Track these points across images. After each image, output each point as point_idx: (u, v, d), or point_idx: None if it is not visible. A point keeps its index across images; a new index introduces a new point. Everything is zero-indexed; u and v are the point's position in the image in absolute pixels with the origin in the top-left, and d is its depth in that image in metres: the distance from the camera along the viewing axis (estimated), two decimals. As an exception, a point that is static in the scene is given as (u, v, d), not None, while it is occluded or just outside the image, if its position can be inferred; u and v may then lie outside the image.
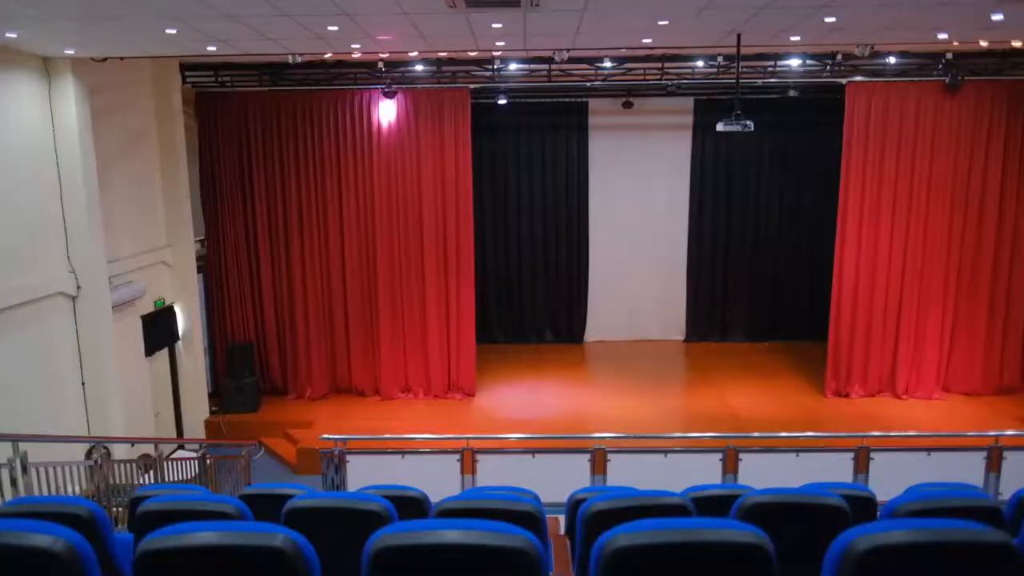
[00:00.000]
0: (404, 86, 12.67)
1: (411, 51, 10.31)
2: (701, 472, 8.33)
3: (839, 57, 12.06)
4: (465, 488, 8.43)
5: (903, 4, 7.02)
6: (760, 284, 16.71)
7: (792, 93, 13.88)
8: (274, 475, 11.61)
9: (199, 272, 13.38)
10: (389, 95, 12.58)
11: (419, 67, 12.47)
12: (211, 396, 13.36)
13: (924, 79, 12.52)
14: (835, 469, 8.44)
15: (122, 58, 9.73)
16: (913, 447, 8.85)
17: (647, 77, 12.80)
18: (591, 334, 16.99)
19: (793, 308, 16.60)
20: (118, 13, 7.00)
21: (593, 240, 16.64)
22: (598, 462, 8.48)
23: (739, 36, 8.33)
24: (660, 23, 7.70)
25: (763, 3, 7.00)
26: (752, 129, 8.86)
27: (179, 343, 12.38)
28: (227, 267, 13.27)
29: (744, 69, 12.81)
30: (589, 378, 14.72)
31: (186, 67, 12.28)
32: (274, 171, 12.98)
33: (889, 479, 7.97)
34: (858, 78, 12.57)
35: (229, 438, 12.42)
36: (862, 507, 4.22)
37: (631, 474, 8.34)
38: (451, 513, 3.88)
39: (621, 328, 16.88)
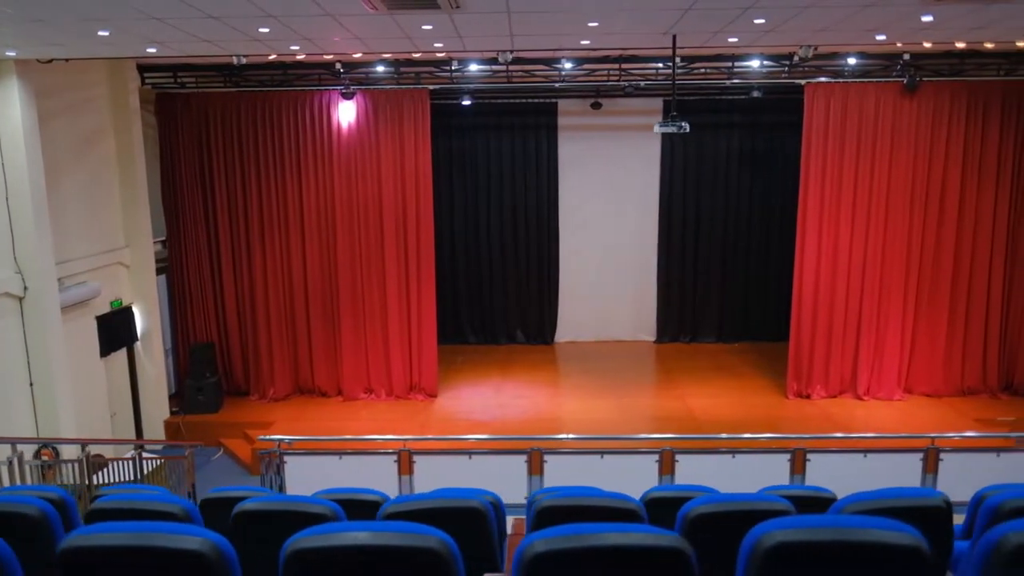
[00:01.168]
0: (363, 87, 12.69)
1: (353, 53, 10.33)
2: (637, 473, 8.34)
3: (796, 58, 12.05)
4: (402, 489, 8.44)
5: (828, 6, 7.01)
6: (731, 285, 16.72)
7: (755, 94, 13.86)
8: (230, 476, 11.64)
9: (162, 273, 13.46)
10: (348, 96, 12.61)
11: (380, 68, 12.49)
12: (175, 397, 13.41)
13: (883, 80, 12.52)
14: (772, 471, 8.43)
15: (67, 60, 9.74)
16: (850, 448, 8.83)
17: (610, 78, 12.82)
18: (561, 335, 17.01)
19: (764, 309, 16.59)
20: (44, 16, 7.02)
21: (563, 241, 16.65)
22: (534, 463, 8.49)
23: (674, 37, 8.32)
24: (590, 25, 7.70)
25: (688, 4, 7.01)
26: (687, 130, 8.87)
27: (138, 344, 12.40)
28: (188, 268, 13.30)
29: (708, 70, 12.88)
30: (554, 379, 14.72)
31: (145, 68, 12.32)
32: (235, 172, 13.01)
33: (826, 481, 7.99)
34: (821, 79, 12.56)
35: (188, 439, 12.45)
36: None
37: (568, 475, 8.34)
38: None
39: (591, 329, 16.89)
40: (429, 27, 7.79)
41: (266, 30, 7.80)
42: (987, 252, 12.87)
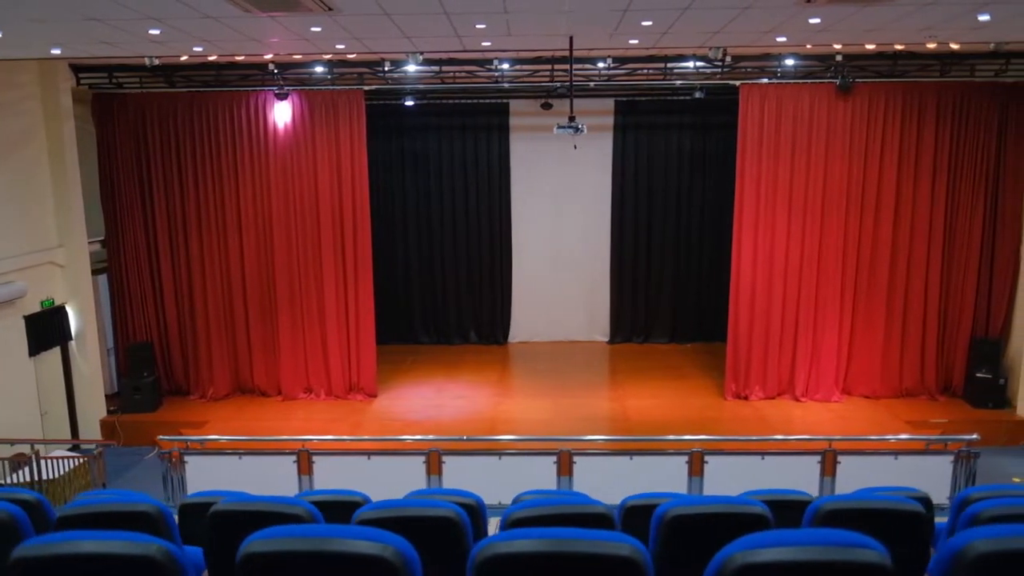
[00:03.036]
0: (297, 88, 12.72)
1: (265, 54, 10.40)
2: (535, 475, 8.34)
3: (728, 59, 12.03)
4: (303, 489, 8.47)
5: (708, 8, 7.00)
6: (683, 285, 16.72)
7: (698, 95, 13.83)
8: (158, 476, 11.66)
9: (104, 273, 13.51)
10: (281, 97, 12.64)
11: (319, 69, 12.51)
12: (116, 396, 13.44)
13: (818, 81, 12.49)
14: (671, 473, 8.42)
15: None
16: (748, 451, 8.82)
17: (554, 79, 12.83)
18: (515, 335, 17.02)
19: (716, 309, 16.38)
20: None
21: (516, 241, 16.66)
22: (432, 464, 8.50)
23: (571, 39, 8.32)
24: (478, 27, 7.71)
25: (569, 7, 7.01)
26: (584, 132, 8.84)
27: (72, 343, 12.44)
28: (127, 267, 13.35)
29: (651, 71, 12.86)
30: (500, 380, 14.71)
31: (80, 68, 12.36)
32: (172, 172, 13.05)
33: (722, 484, 8.01)
34: (763, 80, 12.54)
35: (124, 438, 12.54)
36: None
37: (466, 477, 8.35)
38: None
39: (545, 330, 16.90)
40: (318, 29, 7.80)
41: (157, 32, 7.82)
42: (924, 253, 12.83)
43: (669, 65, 12.34)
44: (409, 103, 14.27)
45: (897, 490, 4.66)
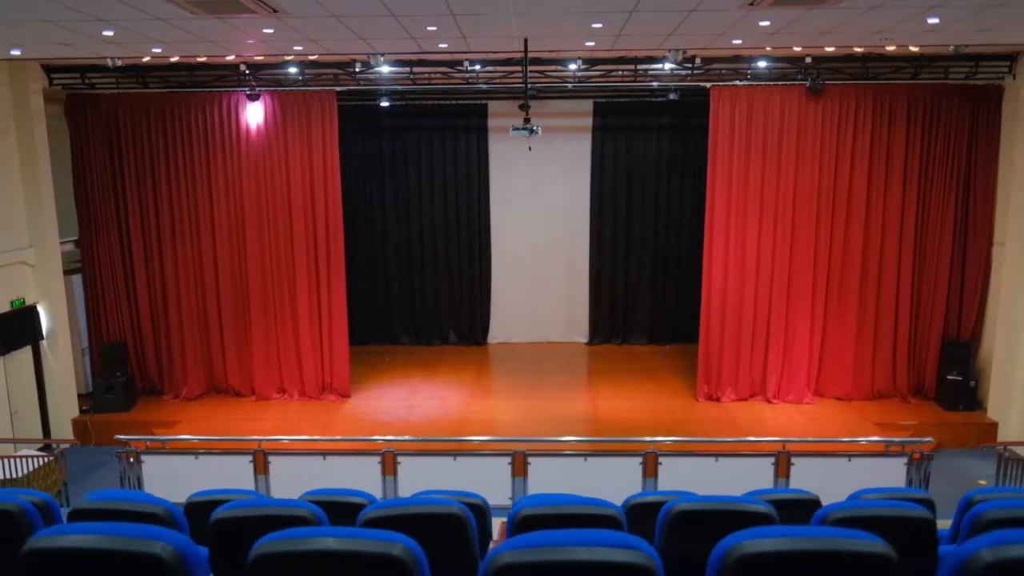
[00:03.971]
0: (269, 88, 12.75)
1: (210, 55, 10.42)
2: (490, 476, 8.36)
3: (698, 61, 12.05)
4: (258, 488, 8.49)
5: (658, 10, 7.01)
6: (662, 286, 16.75)
7: (672, 96, 13.82)
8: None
9: (78, 272, 13.55)
10: (253, 98, 12.67)
11: (292, 69, 12.55)
12: (90, 395, 13.47)
13: (789, 83, 12.50)
14: (626, 474, 8.44)
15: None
16: (702, 452, 8.83)
17: (529, 79, 12.82)
18: (494, 336, 17.04)
19: (695, 311, 16.15)
20: None
21: (495, 241, 16.68)
22: (387, 465, 8.53)
23: (526, 41, 8.34)
24: (430, 29, 7.73)
25: (520, 9, 7.03)
26: (540, 133, 8.86)
27: (43, 343, 12.48)
28: (101, 267, 13.38)
29: (624, 73, 12.88)
30: (475, 380, 14.71)
31: (52, 68, 12.40)
32: (145, 172, 13.09)
33: (676, 485, 8.01)
34: (737, 83, 12.55)
35: (96, 437, 12.58)
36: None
37: (421, 478, 8.37)
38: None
39: (524, 330, 16.92)
40: (270, 31, 7.83)
41: (110, 33, 7.85)
42: (895, 255, 12.83)
43: (640, 67, 12.36)
44: (384, 104, 14.30)
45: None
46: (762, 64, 12.33)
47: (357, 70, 12.41)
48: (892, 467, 8.77)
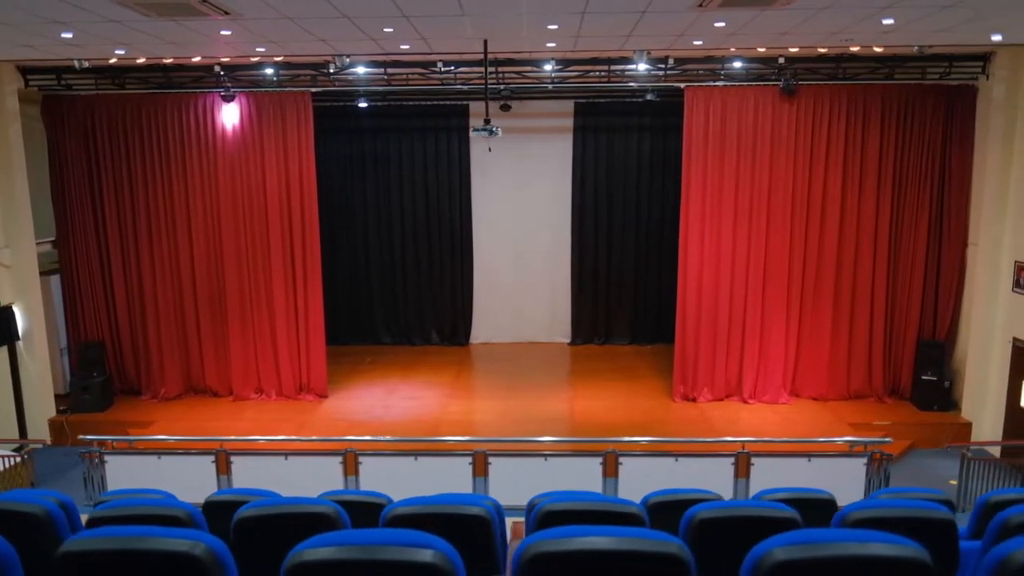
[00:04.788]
0: (244, 89, 12.78)
1: (176, 57, 10.47)
2: (451, 476, 8.39)
3: (671, 62, 12.05)
4: (220, 487, 8.52)
5: (599, 11, 7.03)
6: (645, 286, 16.74)
7: (649, 97, 13.82)
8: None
9: (56, 273, 13.58)
10: (228, 99, 12.70)
11: (268, 70, 12.57)
12: (68, 396, 13.51)
13: (763, 84, 12.49)
14: (585, 473, 8.45)
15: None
16: (663, 452, 8.84)
17: (504, 80, 12.88)
18: (477, 336, 17.06)
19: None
20: None
21: (477, 242, 16.70)
22: (349, 465, 8.55)
23: (485, 43, 8.36)
24: (386, 30, 7.75)
25: (471, 10, 7.04)
26: (499, 134, 8.88)
27: (19, 343, 12.52)
28: (79, 268, 13.42)
29: (600, 73, 12.89)
30: (455, 380, 14.72)
31: (28, 70, 12.44)
32: (122, 173, 13.12)
33: (636, 484, 8.03)
34: (710, 83, 12.54)
35: (72, 437, 12.58)
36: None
37: (382, 477, 8.40)
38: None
39: (506, 331, 16.94)
40: (228, 32, 7.85)
41: (69, 35, 7.88)
42: (870, 255, 12.82)
43: (614, 68, 12.37)
44: (363, 105, 14.30)
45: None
46: (737, 65, 12.33)
47: (331, 71, 12.42)
48: (852, 467, 8.78)
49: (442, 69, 12.31)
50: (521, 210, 16.43)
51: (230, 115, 12.88)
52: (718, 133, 12.58)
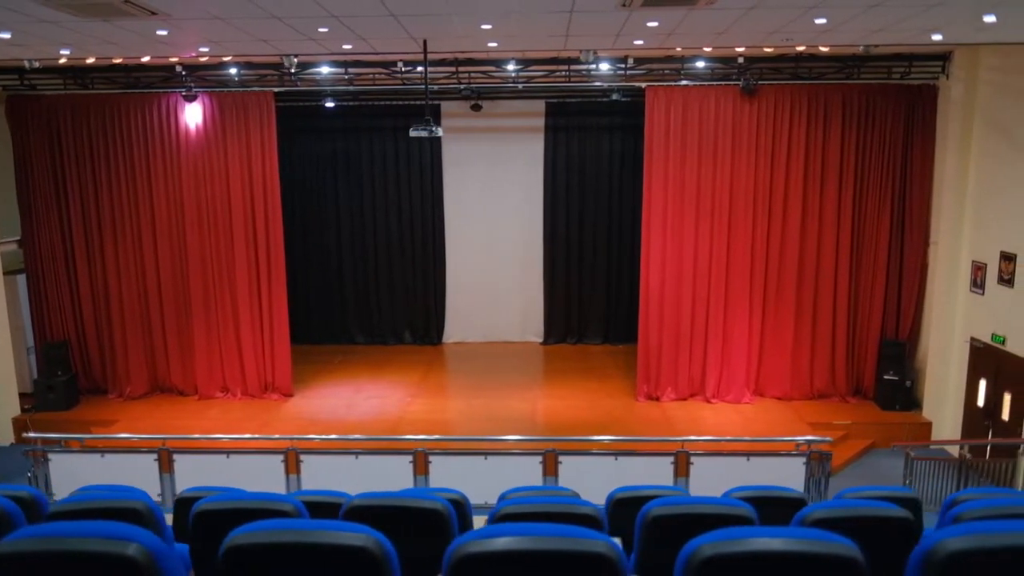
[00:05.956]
0: (206, 89, 12.81)
1: (143, 57, 10.51)
2: (392, 474, 8.41)
3: (631, 61, 12.06)
4: (163, 487, 8.55)
5: (529, 11, 7.04)
6: (616, 286, 16.73)
7: (615, 96, 13.82)
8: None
9: (22, 272, 13.64)
10: (190, 99, 12.74)
11: (232, 70, 12.61)
12: (33, 395, 13.56)
13: (723, 83, 12.50)
14: (525, 472, 8.47)
15: None
16: (604, 451, 8.86)
17: (470, 80, 12.90)
18: (450, 336, 17.08)
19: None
20: None
21: (450, 241, 16.72)
22: (290, 463, 8.58)
23: (424, 43, 8.38)
24: (321, 30, 7.77)
25: (397, 10, 7.06)
26: (440, 135, 8.90)
27: (-19, 342, 12.59)
28: (44, 267, 13.48)
29: (561, 73, 12.88)
30: (422, 380, 14.74)
31: (-9, 71, 12.48)
32: (86, 173, 13.18)
33: (575, 483, 8.03)
34: (671, 82, 12.54)
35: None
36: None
37: (323, 475, 8.42)
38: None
39: (479, 330, 16.95)
40: (164, 32, 7.88)
41: (7, 35, 7.92)
42: (832, 255, 12.82)
43: (574, 67, 12.36)
44: (330, 104, 14.31)
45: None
46: (700, 64, 12.34)
47: (293, 71, 12.44)
48: (792, 466, 8.79)
49: (403, 69, 12.35)
50: (493, 209, 16.45)
51: (193, 115, 12.92)
52: (679, 133, 12.58)
